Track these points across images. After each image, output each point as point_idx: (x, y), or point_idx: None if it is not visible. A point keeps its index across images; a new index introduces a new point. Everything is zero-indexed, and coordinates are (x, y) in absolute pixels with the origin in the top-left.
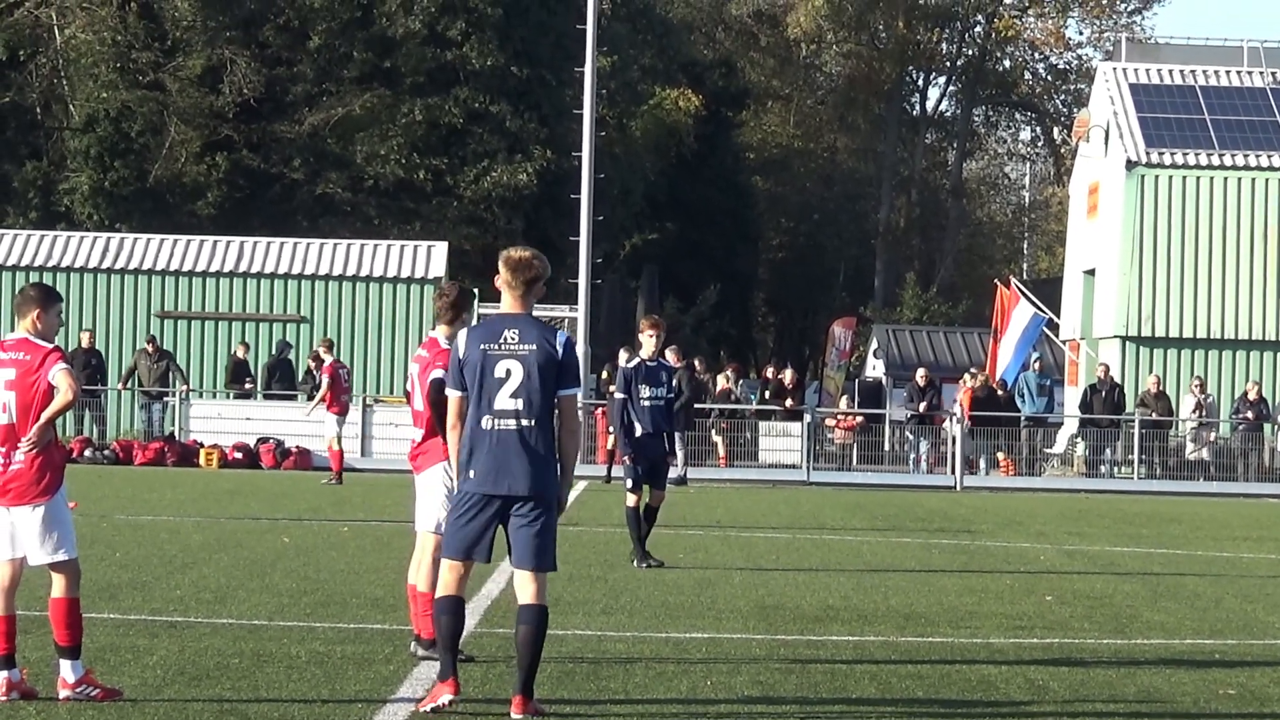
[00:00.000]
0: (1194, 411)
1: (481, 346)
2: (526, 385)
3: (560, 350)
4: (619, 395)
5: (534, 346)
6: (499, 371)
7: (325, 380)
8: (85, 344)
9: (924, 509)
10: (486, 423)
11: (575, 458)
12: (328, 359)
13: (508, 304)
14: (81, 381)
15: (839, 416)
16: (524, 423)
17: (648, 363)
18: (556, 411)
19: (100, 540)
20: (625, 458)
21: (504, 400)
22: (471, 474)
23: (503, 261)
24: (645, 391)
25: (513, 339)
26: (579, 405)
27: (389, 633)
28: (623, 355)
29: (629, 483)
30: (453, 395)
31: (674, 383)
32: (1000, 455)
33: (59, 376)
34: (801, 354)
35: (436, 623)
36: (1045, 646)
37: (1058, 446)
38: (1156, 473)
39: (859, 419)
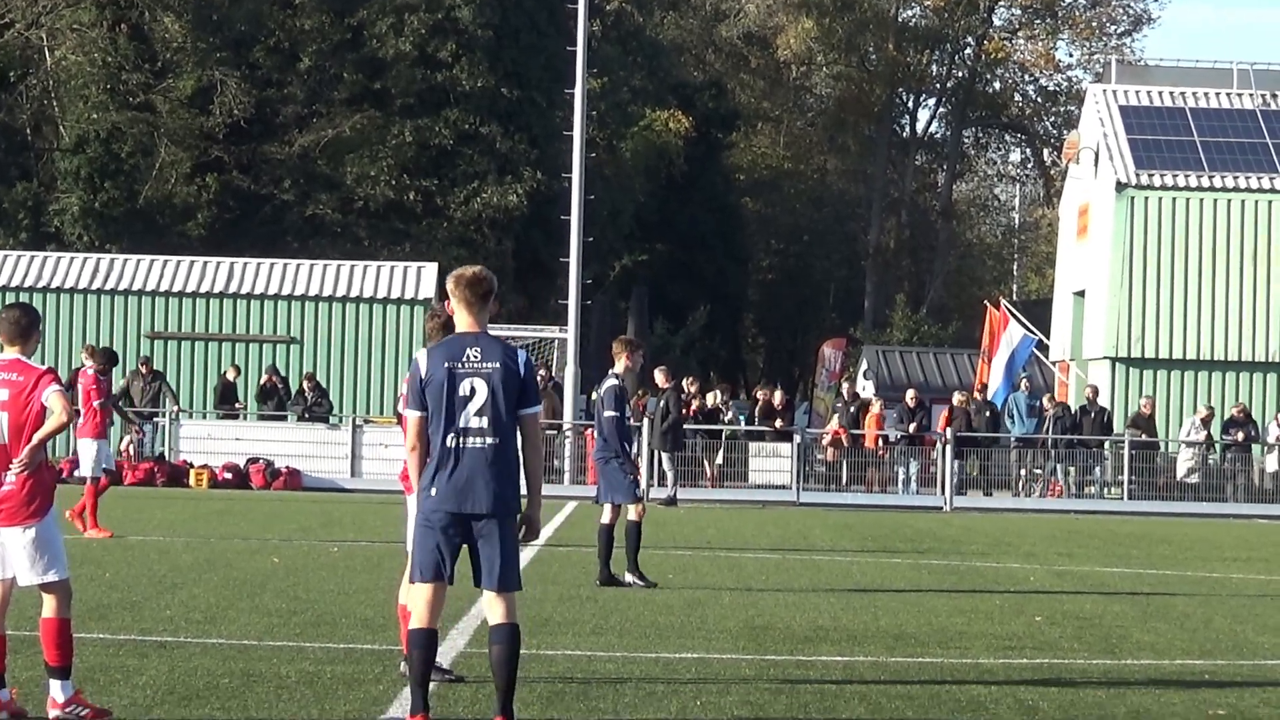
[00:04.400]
0: (1205, 438)
1: (446, 365)
2: (492, 403)
3: (522, 368)
4: (614, 413)
5: (497, 364)
6: (464, 390)
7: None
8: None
9: (913, 529)
10: (451, 441)
11: (542, 477)
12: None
13: (465, 323)
14: (74, 403)
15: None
16: (489, 440)
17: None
18: (520, 430)
19: (90, 560)
20: (629, 474)
21: (469, 418)
22: (433, 491)
23: (455, 281)
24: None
25: (476, 357)
26: (541, 424)
27: (379, 653)
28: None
29: (635, 496)
30: (413, 416)
31: (661, 403)
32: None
33: (53, 398)
34: (791, 375)
35: (409, 656)
36: (1035, 667)
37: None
38: (1146, 493)
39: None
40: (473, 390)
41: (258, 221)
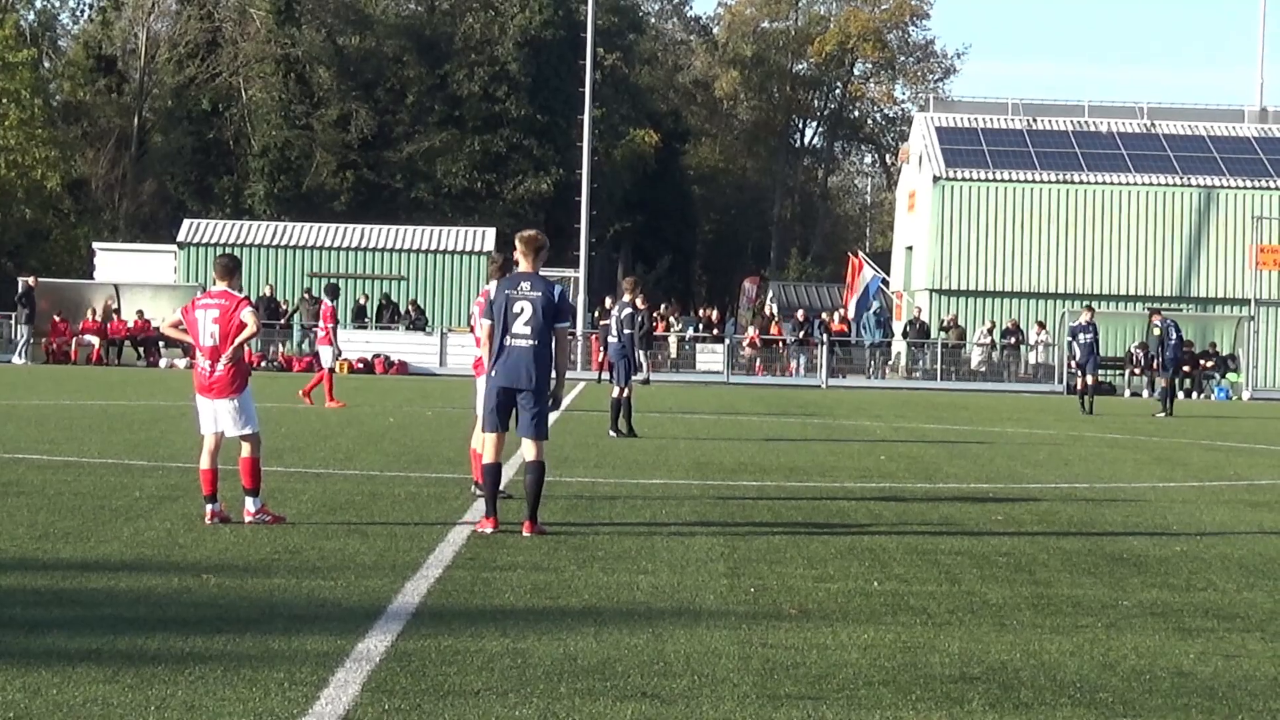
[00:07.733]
0: (990, 341)
1: (505, 292)
2: (534, 318)
3: (556, 296)
4: (631, 331)
5: (539, 293)
6: (516, 308)
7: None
8: (267, 294)
9: (802, 400)
10: (507, 341)
11: (567, 369)
12: (327, 301)
13: (524, 266)
14: (262, 318)
15: (751, 336)
16: (530, 342)
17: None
18: (554, 337)
19: (270, 420)
20: (632, 371)
21: (519, 327)
22: (494, 373)
23: (518, 238)
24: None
25: (526, 287)
26: (570, 334)
27: (458, 480)
28: (608, 301)
29: (625, 383)
30: (484, 323)
31: (639, 318)
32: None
33: (247, 315)
34: (724, 300)
35: (484, 481)
36: (880, 489)
37: (893, 361)
38: (951, 377)
39: (759, 340)
40: (522, 309)
41: (380, 201)
